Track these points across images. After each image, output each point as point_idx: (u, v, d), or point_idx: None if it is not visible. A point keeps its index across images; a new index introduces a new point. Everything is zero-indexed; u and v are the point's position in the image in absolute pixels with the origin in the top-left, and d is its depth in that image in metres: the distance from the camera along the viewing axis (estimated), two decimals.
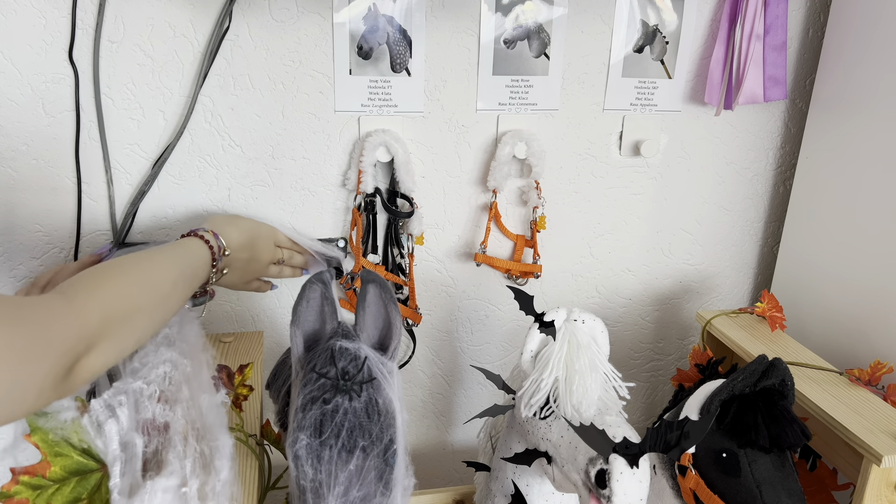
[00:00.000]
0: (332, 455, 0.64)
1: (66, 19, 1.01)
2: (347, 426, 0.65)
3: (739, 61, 1.20)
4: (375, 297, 0.73)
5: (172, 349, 0.76)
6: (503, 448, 0.99)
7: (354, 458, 0.64)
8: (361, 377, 0.67)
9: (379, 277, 0.73)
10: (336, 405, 0.65)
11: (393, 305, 0.73)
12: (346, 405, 0.65)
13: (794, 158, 1.36)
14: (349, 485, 0.63)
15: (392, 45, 1.12)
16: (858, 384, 1.04)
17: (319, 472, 0.63)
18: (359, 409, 0.66)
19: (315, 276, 0.71)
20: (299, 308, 0.71)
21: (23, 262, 1.11)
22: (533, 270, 1.26)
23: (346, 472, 0.64)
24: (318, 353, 0.69)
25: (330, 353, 0.68)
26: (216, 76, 1.08)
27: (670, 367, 1.49)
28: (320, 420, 0.64)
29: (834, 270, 1.23)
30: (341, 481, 0.63)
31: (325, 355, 0.68)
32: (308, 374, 0.67)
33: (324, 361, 0.68)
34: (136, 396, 0.70)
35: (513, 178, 1.25)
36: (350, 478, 0.64)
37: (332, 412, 0.65)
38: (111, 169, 1.09)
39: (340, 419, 0.65)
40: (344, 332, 0.72)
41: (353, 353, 0.69)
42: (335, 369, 0.67)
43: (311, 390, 0.66)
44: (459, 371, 1.38)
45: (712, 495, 0.88)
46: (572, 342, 0.87)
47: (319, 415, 0.65)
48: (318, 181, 1.18)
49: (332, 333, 0.71)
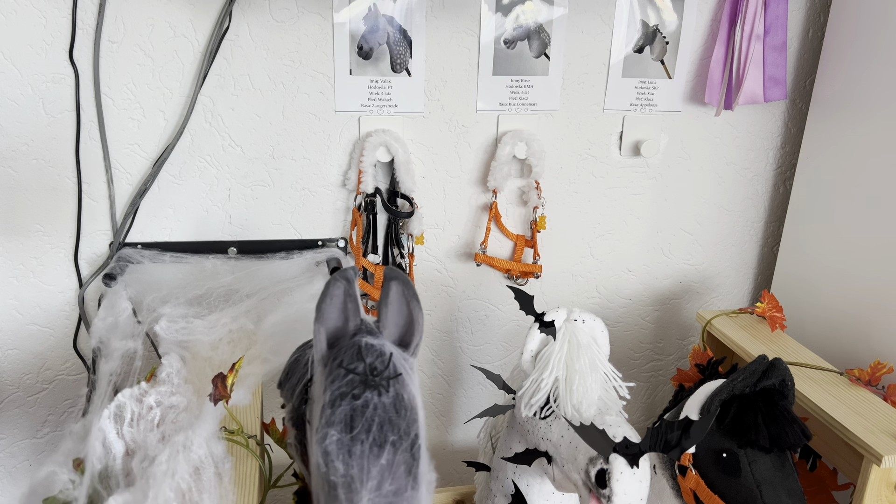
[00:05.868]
0: (363, 450, 0.64)
1: (67, 19, 1.01)
2: (377, 421, 0.65)
3: (739, 61, 1.20)
4: (398, 293, 0.73)
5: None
6: (503, 448, 0.99)
7: (385, 452, 0.64)
8: (388, 373, 0.67)
9: (402, 274, 0.73)
10: (366, 401, 0.65)
11: (415, 302, 0.74)
12: (376, 400, 0.65)
13: (794, 158, 1.36)
14: (381, 479, 0.64)
15: (392, 45, 1.12)
16: (858, 384, 1.04)
17: (351, 468, 0.63)
18: (387, 404, 0.66)
19: (339, 274, 0.71)
20: (323, 305, 0.70)
21: (23, 261, 1.11)
22: (533, 270, 1.26)
23: (377, 467, 0.64)
24: (344, 350, 0.69)
25: (357, 348, 0.68)
26: (216, 76, 1.08)
27: (670, 367, 1.49)
28: (351, 415, 0.64)
29: (834, 270, 1.23)
30: (374, 475, 0.63)
31: (351, 351, 0.68)
32: (336, 370, 0.67)
33: (351, 357, 0.68)
34: (139, 411, 0.72)
35: (513, 178, 1.25)
36: (382, 472, 0.64)
37: (363, 407, 0.65)
38: (111, 169, 1.09)
39: (370, 414, 0.65)
40: (367, 328, 0.72)
41: (378, 350, 0.69)
42: (363, 365, 0.67)
43: (339, 386, 0.66)
44: (459, 371, 1.38)
45: (712, 495, 0.88)
46: (572, 342, 0.87)
47: (350, 410, 0.65)
48: (318, 181, 1.18)
49: (356, 330, 0.72)
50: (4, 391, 1.18)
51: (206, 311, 1.05)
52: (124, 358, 0.95)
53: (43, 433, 1.22)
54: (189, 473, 0.68)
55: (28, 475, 1.25)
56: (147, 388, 0.80)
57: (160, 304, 1.04)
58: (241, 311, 1.04)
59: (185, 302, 1.06)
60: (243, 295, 1.11)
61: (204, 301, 1.09)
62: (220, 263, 1.15)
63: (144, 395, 0.78)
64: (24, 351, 1.16)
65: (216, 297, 1.10)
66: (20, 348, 1.16)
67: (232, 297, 1.11)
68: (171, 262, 1.13)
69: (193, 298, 1.08)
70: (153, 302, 1.05)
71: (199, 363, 0.94)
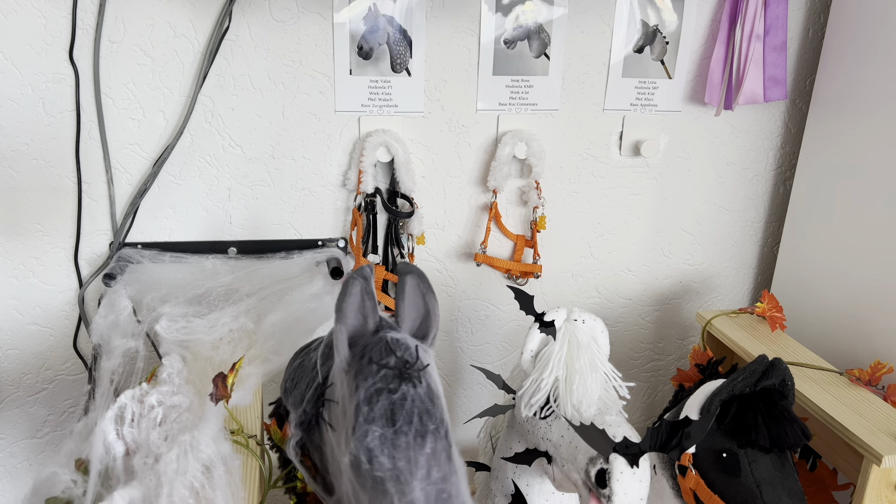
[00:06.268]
0: (408, 441, 0.65)
1: (67, 19, 1.01)
2: (417, 412, 0.66)
3: (739, 61, 1.20)
4: (413, 287, 0.74)
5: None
6: (503, 448, 0.99)
7: (427, 441, 0.65)
8: (419, 364, 0.68)
9: (416, 268, 0.74)
10: (403, 393, 0.66)
11: (431, 294, 0.75)
12: (412, 392, 0.66)
13: (794, 158, 1.36)
14: (429, 468, 0.65)
15: (392, 45, 1.12)
16: (858, 384, 1.04)
17: (398, 461, 0.64)
18: (423, 394, 0.67)
19: (356, 272, 0.71)
20: (344, 305, 0.70)
21: (23, 261, 1.11)
22: (533, 270, 1.26)
23: (424, 457, 0.65)
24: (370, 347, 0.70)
25: (385, 344, 0.69)
26: (216, 76, 1.08)
27: (670, 367, 1.49)
28: (391, 410, 0.65)
29: (834, 270, 1.23)
30: (421, 465, 0.64)
31: (379, 347, 0.69)
32: (366, 367, 0.68)
33: (380, 353, 0.69)
34: (140, 411, 0.72)
35: (513, 178, 1.25)
36: (428, 461, 0.65)
37: (401, 400, 0.66)
38: (111, 169, 1.09)
39: (410, 406, 0.66)
40: (388, 324, 0.72)
41: (404, 343, 0.70)
42: (395, 359, 0.68)
43: (373, 382, 0.67)
44: (459, 371, 1.38)
45: (712, 495, 0.88)
46: (572, 342, 0.87)
47: (389, 404, 0.65)
48: (318, 181, 1.18)
49: (377, 327, 0.72)
50: (4, 391, 1.18)
51: (207, 310, 1.05)
52: (125, 356, 0.95)
53: (43, 433, 1.22)
54: (200, 472, 0.68)
55: (28, 475, 1.25)
56: (148, 389, 0.80)
57: (160, 303, 1.04)
58: (242, 310, 1.04)
59: (185, 301, 1.06)
60: (243, 294, 1.11)
61: (204, 300, 1.09)
62: (220, 263, 1.15)
63: (146, 396, 0.79)
64: (24, 351, 1.16)
65: (216, 296, 1.10)
66: (20, 348, 1.16)
67: (232, 296, 1.10)
68: (170, 262, 1.13)
69: (193, 298, 1.08)
70: (153, 301, 1.05)
71: (200, 363, 0.94)
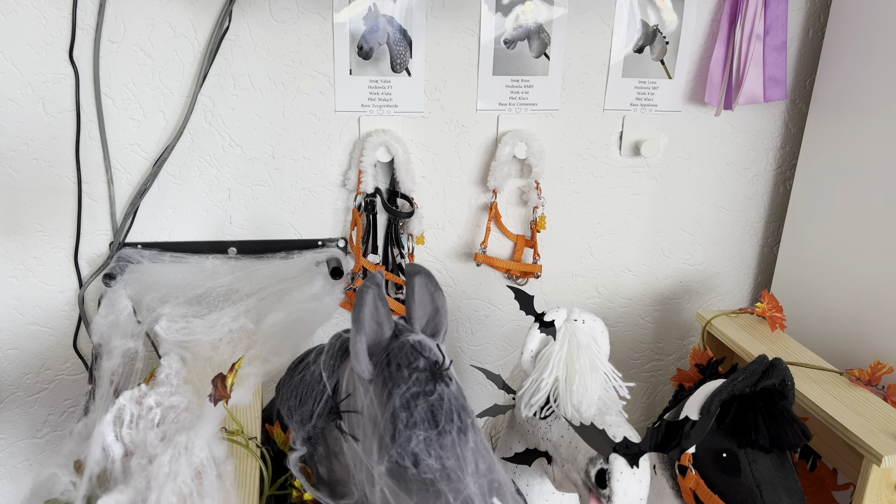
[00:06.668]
0: (454, 439, 0.65)
1: (67, 19, 1.01)
2: (455, 410, 0.66)
3: (739, 61, 1.20)
4: (422, 286, 0.73)
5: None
6: (503, 448, 0.99)
7: (469, 436, 0.66)
8: (446, 363, 0.69)
9: (422, 268, 0.74)
10: (440, 394, 0.66)
11: (439, 292, 0.75)
12: (447, 391, 0.67)
13: (794, 158, 1.36)
14: (476, 461, 0.65)
15: (392, 45, 1.12)
16: (858, 384, 1.04)
17: (447, 460, 0.64)
18: (456, 392, 0.68)
19: (368, 280, 0.70)
20: (361, 315, 0.68)
21: (23, 261, 1.11)
22: (533, 270, 1.26)
23: (469, 451, 0.65)
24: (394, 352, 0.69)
25: (410, 347, 0.69)
26: (216, 76, 1.08)
27: (670, 367, 1.49)
28: (431, 412, 0.65)
29: (834, 270, 1.23)
30: (469, 460, 0.65)
31: (404, 351, 0.69)
32: (396, 373, 0.67)
33: (407, 357, 0.68)
34: (138, 412, 0.72)
35: (513, 178, 1.25)
36: (475, 455, 0.65)
37: (439, 401, 0.66)
38: (111, 169, 1.09)
39: (448, 405, 0.66)
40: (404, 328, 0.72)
41: (427, 344, 0.70)
42: (423, 360, 0.67)
43: (407, 387, 0.66)
44: (459, 371, 1.38)
45: (712, 495, 0.88)
46: (572, 342, 0.88)
47: (428, 407, 0.65)
48: (318, 181, 1.18)
49: (395, 332, 0.71)
50: (4, 391, 1.18)
51: (206, 310, 1.05)
52: (125, 357, 0.95)
53: (43, 433, 1.22)
54: (191, 477, 0.68)
55: (28, 475, 1.25)
56: (146, 391, 0.80)
57: (160, 303, 1.04)
58: (241, 310, 1.04)
59: (184, 301, 1.06)
60: (243, 295, 1.10)
61: (204, 301, 1.09)
62: (220, 263, 1.15)
63: (144, 397, 0.79)
64: (24, 351, 1.16)
65: (216, 296, 1.10)
66: (20, 348, 1.16)
67: (232, 296, 1.10)
68: (170, 262, 1.13)
69: (193, 298, 1.08)
70: (153, 301, 1.05)
71: (200, 363, 0.94)
